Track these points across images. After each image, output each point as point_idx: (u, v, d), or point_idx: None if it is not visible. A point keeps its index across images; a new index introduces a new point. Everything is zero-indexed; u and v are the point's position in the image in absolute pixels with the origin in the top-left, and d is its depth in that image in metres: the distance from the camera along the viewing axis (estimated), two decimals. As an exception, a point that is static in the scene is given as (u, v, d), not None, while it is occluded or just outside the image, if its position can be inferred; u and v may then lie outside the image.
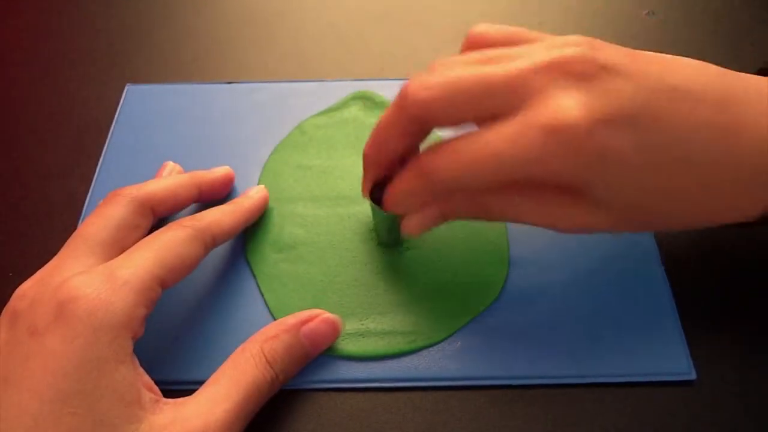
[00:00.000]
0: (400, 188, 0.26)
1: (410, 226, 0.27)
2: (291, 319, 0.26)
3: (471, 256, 0.30)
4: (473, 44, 0.26)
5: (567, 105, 0.21)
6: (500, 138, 0.22)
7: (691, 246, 0.31)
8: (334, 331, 0.27)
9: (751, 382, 0.27)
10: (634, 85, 0.22)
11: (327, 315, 0.27)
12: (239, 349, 0.25)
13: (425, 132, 0.26)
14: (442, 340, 0.28)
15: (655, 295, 0.29)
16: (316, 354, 0.27)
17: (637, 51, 0.24)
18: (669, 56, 0.25)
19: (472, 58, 0.24)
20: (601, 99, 0.22)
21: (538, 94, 0.22)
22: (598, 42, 0.24)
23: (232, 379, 0.24)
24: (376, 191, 0.27)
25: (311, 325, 0.27)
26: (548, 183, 0.24)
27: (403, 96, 0.24)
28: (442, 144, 0.24)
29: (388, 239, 0.31)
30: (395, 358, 0.28)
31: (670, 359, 0.27)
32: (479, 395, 0.27)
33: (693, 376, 0.27)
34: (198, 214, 0.28)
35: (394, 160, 0.26)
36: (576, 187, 0.24)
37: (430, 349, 0.28)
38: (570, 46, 0.23)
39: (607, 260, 0.30)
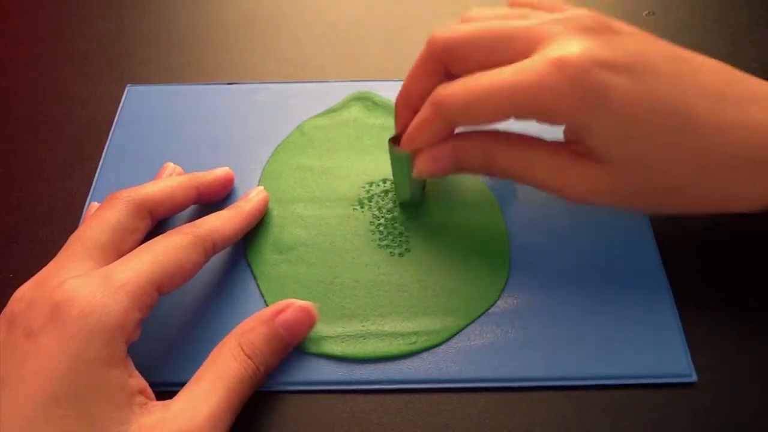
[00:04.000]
0: (416, 120, 0.28)
1: (421, 160, 0.29)
2: (266, 311, 0.26)
3: (472, 258, 0.30)
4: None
5: (573, 46, 0.25)
6: (512, 69, 0.25)
7: (692, 247, 0.31)
8: (310, 318, 0.27)
9: (751, 383, 0.27)
10: (635, 41, 0.26)
11: (300, 302, 0.27)
12: (218, 346, 0.25)
13: (448, 73, 0.28)
14: (443, 342, 0.28)
15: (655, 297, 0.29)
16: (296, 343, 0.27)
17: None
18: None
19: (499, 12, 0.28)
20: (603, 46, 0.25)
21: (551, 39, 0.25)
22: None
23: (215, 375, 0.24)
24: (398, 137, 0.29)
25: (286, 314, 0.26)
26: (554, 121, 0.26)
27: (430, 38, 0.28)
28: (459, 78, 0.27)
29: (409, 194, 0.31)
30: (396, 360, 0.28)
31: (671, 361, 0.27)
32: (480, 397, 0.27)
33: (693, 378, 0.27)
34: (198, 221, 0.27)
35: (421, 104, 0.28)
36: (579, 134, 0.26)
37: (431, 350, 0.28)
38: (585, 9, 0.27)
39: (607, 262, 0.30)
